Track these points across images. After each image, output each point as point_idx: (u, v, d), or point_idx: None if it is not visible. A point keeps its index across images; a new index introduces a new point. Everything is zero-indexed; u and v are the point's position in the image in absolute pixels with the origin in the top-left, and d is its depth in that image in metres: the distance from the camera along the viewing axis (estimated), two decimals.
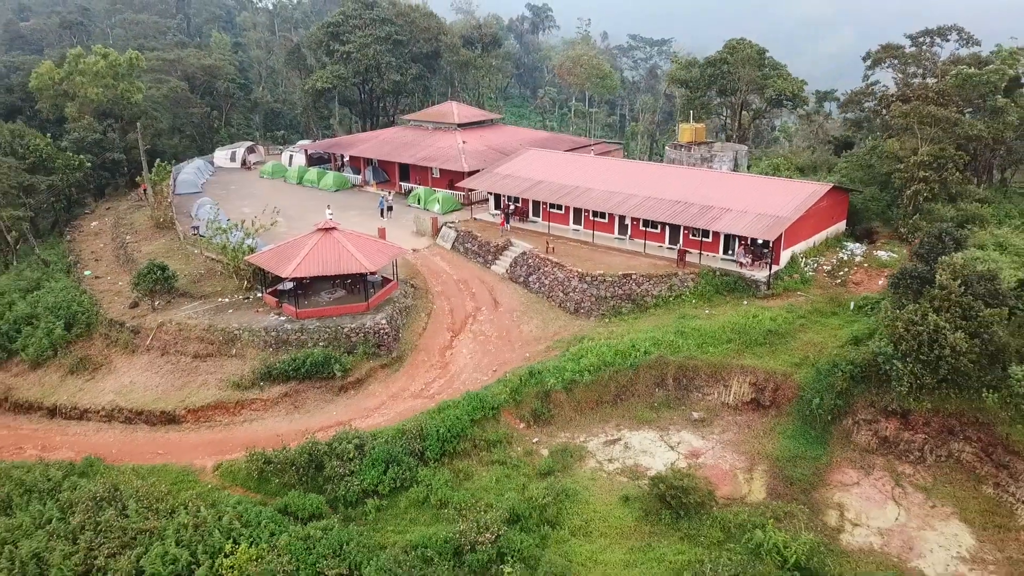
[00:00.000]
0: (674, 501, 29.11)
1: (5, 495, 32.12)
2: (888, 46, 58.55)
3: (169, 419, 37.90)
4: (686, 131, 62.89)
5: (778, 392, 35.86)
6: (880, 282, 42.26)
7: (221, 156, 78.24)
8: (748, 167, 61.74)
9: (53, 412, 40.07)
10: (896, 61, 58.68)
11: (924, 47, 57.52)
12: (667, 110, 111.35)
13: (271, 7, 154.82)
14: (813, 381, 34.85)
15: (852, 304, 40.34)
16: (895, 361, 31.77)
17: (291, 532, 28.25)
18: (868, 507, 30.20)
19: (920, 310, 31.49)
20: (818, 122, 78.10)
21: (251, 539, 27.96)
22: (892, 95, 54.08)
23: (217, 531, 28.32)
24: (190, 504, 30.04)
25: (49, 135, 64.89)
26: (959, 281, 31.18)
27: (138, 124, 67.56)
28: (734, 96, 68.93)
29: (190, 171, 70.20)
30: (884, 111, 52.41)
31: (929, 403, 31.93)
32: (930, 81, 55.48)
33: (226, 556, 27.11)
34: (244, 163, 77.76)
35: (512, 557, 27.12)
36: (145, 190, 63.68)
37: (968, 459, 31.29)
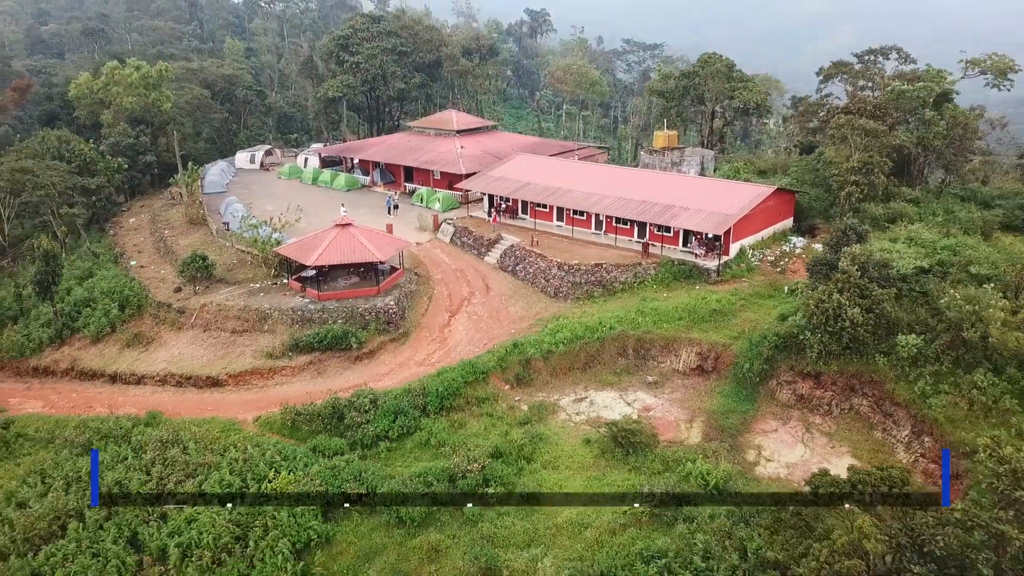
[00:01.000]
0: (624, 441, 36.51)
1: (86, 440, 39.50)
2: (838, 63, 65.81)
3: (214, 383, 45.53)
4: (659, 137, 70.25)
5: (719, 360, 43.26)
6: None
7: (241, 158, 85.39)
8: (715, 170, 68.95)
9: (114, 378, 47.68)
10: (846, 76, 65.92)
11: (869, 64, 64.74)
12: (656, 114, 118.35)
13: (278, 11, 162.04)
14: (746, 350, 42.17)
15: (786, 288, 47.74)
16: (807, 332, 39.26)
17: (320, 463, 35.76)
18: (781, 447, 37.62)
19: (828, 290, 38.80)
20: (797, 124, 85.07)
21: (289, 469, 35.26)
22: (838, 107, 61.31)
23: (262, 463, 35.68)
24: (239, 444, 37.54)
25: (91, 140, 72.18)
26: (857, 267, 38.50)
27: (174, 131, 74.96)
28: (705, 105, 76.23)
29: (215, 172, 77.27)
30: (830, 121, 59.52)
31: (835, 366, 39.28)
32: (875, 94, 62.74)
33: (270, 481, 34.33)
34: (262, 165, 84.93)
35: (494, 482, 34.60)
36: (180, 191, 71.09)
37: (865, 411, 38.66)
